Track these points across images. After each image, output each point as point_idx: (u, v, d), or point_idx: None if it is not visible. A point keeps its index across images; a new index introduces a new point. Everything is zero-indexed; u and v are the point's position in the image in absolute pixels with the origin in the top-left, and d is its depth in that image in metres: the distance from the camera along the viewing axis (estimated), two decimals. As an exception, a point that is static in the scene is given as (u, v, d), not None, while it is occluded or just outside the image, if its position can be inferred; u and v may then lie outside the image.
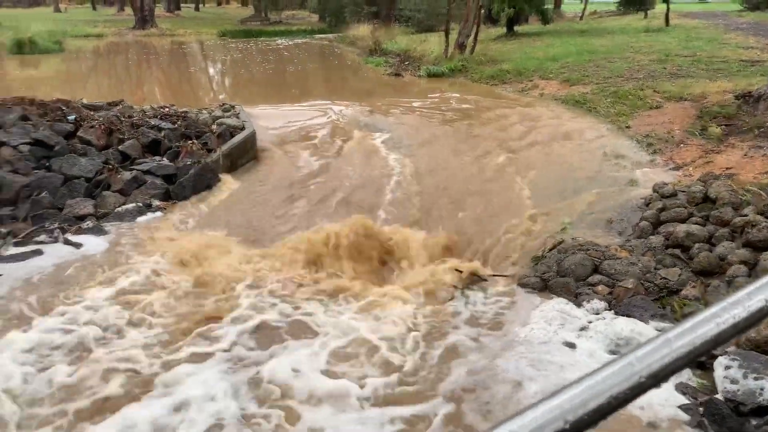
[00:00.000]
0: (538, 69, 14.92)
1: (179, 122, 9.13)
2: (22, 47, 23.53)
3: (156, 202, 7.13)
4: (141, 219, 6.71)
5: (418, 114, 12.09)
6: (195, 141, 8.54)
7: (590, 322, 4.54)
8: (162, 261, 5.68)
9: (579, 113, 10.71)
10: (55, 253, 5.84)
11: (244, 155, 8.81)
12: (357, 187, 7.60)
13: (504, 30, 23.24)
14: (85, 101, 9.85)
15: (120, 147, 8.10)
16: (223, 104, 10.86)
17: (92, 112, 8.94)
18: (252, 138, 9.15)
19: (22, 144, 7.91)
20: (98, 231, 6.35)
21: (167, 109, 9.52)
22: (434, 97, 13.81)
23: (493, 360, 4.15)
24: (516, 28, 23.38)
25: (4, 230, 6.26)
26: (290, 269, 5.46)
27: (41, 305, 4.89)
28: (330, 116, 11.78)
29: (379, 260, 5.64)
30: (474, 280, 5.29)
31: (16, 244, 6.03)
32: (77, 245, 6.01)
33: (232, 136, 8.93)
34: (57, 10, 48.39)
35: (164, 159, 8.06)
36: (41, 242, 6.08)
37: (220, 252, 5.86)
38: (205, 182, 7.70)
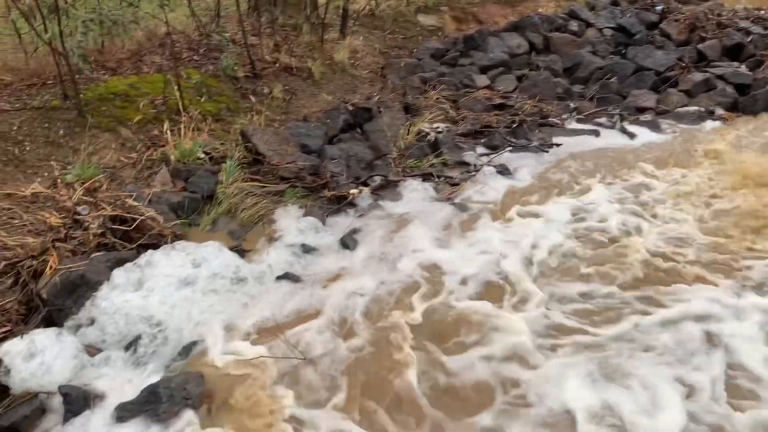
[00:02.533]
0: None
1: (773, 28, 8.08)
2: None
3: (719, 111, 6.64)
4: (700, 125, 6.39)
5: None
6: (788, 52, 7.48)
7: None
8: (713, 174, 5.34)
9: None
10: (609, 137, 6.17)
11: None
12: None
13: None
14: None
15: (699, 46, 7.73)
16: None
17: (680, 6, 8.68)
18: None
19: (606, 28, 8.35)
20: (654, 126, 6.35)
21: (764, 12, 8.49)
22: None
23: None
24: None
25: (572, 105, 6.88)
26: None
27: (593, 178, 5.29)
28: None
29: None
30: None
31: (578, 121, 6.58)
32: (632, 135, 6.18)
33: None
34: None
35: (742, 66, 7.35)
36: (600, 124, 6.47)
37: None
38: (784, 100, 6.75)
